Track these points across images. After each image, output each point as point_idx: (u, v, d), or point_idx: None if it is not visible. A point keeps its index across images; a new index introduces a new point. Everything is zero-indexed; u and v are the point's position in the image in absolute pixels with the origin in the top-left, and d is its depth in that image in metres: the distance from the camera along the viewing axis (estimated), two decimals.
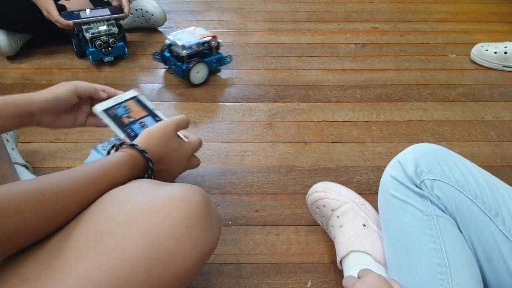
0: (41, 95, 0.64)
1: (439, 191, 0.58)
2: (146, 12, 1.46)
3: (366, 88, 1.22)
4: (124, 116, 0.72)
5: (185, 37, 1.19)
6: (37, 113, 0.64)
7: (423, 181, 0.59)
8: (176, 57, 1.21)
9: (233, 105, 1.15)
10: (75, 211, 0.47)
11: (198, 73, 1.20)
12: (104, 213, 0.46)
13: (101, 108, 0.72)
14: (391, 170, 0.63)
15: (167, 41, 1.22)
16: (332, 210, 0.72)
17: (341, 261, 0.68)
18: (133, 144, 0.59)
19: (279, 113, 1.12)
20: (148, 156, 0.59)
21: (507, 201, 0.55)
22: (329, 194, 0.73)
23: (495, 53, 1.29)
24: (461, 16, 1.66)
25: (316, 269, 0.74)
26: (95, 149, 0.79)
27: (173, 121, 0.66)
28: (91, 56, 1.26)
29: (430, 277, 0.54)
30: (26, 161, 0.90)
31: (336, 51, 1.41)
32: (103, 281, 0.41)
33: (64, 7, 1.29)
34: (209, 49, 1.22)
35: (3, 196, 0.41)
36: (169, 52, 1.24)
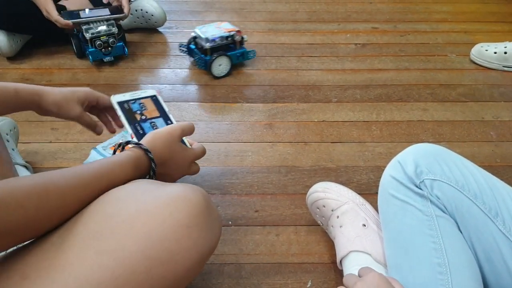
0: (55, 89, 0.70)
1: (439, 191, 0.58)
2: (146, 12, 1.46)
3: (366, 88, 1.22)
4: (137, 112, 0.73)
5: (210, 30, 1.23)
6: (46, 105, 0.70)
7: (423, 181, 0.59)
8: (200, 49, 1.25)
9: (233, 105, 1.15)
10: (76, 208, 0.47)
11: (220, 65, 1.23)
12: (104, 213, 0.47)
13: (117, 99, 0.73)
14: (391, 170, 0.63)
15: (193, 33, 1.26)
16: (332, 210, 0.72)
17: (341, 261, 0.68)
18: (139, 143, 0.60)
19: (279, 113, 1.12)
20: (151, 156, 0.59)
21: (507, 201, 0.55)
22: (329, 194, 0.73)
23: (495, 53, 1.29)
24: (461, 16, 1.66)
25: (316, 269, 0.74)
26: (95, 149, 0.79)
27: (179, 127, 0.67)
28: (91, 56, 1.26)
29: (430, 277, 0.54)
30: (26, 162, 0.90)
31: (336, 51, 1.41)
32: (103, 280, 0.41)
33: (63, 7, 1.29)
34: (233, 43, 1.25)
35: (4, 189, 0.41)
36: (195, 44, 1.27)
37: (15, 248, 0.46)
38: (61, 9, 1.25)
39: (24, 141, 0.99)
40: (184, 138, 0.69)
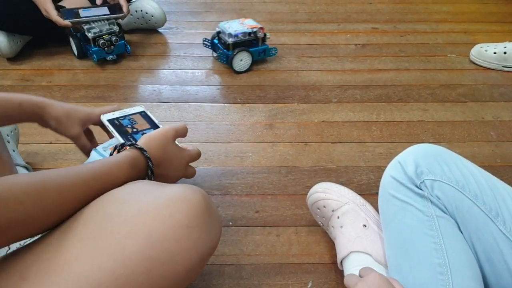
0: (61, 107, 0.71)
1: (439, 191, 0.58)
2: (146, 13, 1.46)
3: (366, 88, 1.22)
4: (128, 126, 0.76)
5: (234, 26, 1.26)
6: (47, 118, 0.71)
7: (423, 181, 0.59)
8: (223, 44, 1.27)
9: (233, 105, 1.15)
10: (74, 206, 0.48)
11: (241, 61, 1.26)
12: (104, 213, 0.47)
13: (107, 117, 0.75)
14: (391, 170, 0.63)
15: (217, 28, 1.29)
16: (332, 210, 0.72)
17: (341, 262, 0.68)
18: (134, 144, 0.61)
19: (279, 113, 1.12)
20: (147, 155, 0.60)
21: (508, 201, 0.55)
22: (329, 194, 0.73)
23: (495, 53, 1.29)
24: (461, 16, 1.66)
25: (316, 270, 0.74)
26: (95, 150, 0.79)
27: (172, 128, 0.68)
28: (95, 55, 1.26)
29: (430, 278, 0.54)
30: (26, 163, 0.91)
31: (336, 51, 1.41)
32: (103, 281, 0.41)
33: (63, 8, 1.29)
34: (255, 39, 1.28)
35: (3, 186, 0.41)
36: (218, 39, 1.30)
37: (15, 248, 0.46)
38: (61, 9, 1.25)
39: (24, 142, 0.99)
40: (177, 141, 0.70)
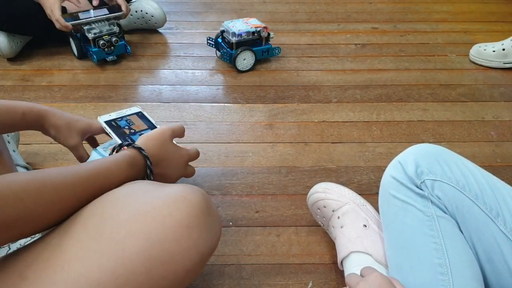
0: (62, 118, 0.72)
1: (440, 191, 0.58)
2: (146, 13, 1.46)
3: (366, 88, 1.22)
4: (125, 127, 0.76)
5: (238, 25, 1.26)
6: (47, 127, 0.72)
7: (423, 181, 0.59)
8: (227, 43, 1.27)
9: (233, 105, 1.15)
10: (74, 205, 0.48)
11: (244, 60, 1.26)
12: (104, 213, 0.47)
13: (104, 119, 0.76)
14: (391, 170, 0.63)
15: (221, 28, 1.29)
16: (332, 210, 0.72)
17: (342, 262, 0.68)
18: (131, 143, 0.61)
19: (279, 113, 1.12)
20: (145, 153, 0.60)
21: (508, 201, 0.55)
22: (329, 194, 0.73)
23: (494, 51, 1.29)
24: (461, 16, 1.66)
25: (317, 270, 0.74)
26: (95, 150, 0.79)
27: (169, 128, 0.68)
28: (95, 55, 1.26)
29: (431, 278, 0.54)
30: (27, 163, 0.91)
31: (336, 51, 1.41)
32: (103, 281, 0.41)
33: (64, 9, 1.29)
34: (259, 38, 1.28)
35: (3, 183, 0.41)
36: (222, 38, 1.30)
37: (15, 249, 0.46)
38: (62, 11, 1.25)
39: (24, 142, 0.99)
40: (174, 141, 0.71)
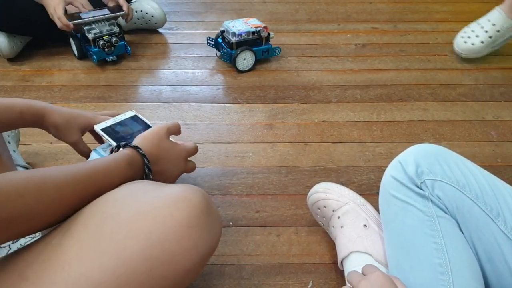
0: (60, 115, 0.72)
1: (440, 191, 0.58)
2: (146, 13, 1.46)
3: (366, 88, 1.22)
4: (122, 131, 0.76)
5: (238, 25, 1.26)
6: (47, 125, 0.72)
7: (423, 181, 0.59)
8: (227, 43, 1.28)
9: (233, 106, 1.15)
10: (74, 203, 0.48)
11: (244, 60, 1.26)
12: (104, 213, 0.47)
13: (100, 127, 0.76)
14: (391, 170, 0.63)
15: (221, 28, 1.29)
16: (333, 210, 0.72)
17: (342, 262, 0.68)
18: (127, 143, 0.62)
19: (279, 113, 1.12)
20: (142, 152, 0.61)
21: (508, 201, 0.55)
22: (329, 194, 0.73)
23: (482, 42, 1.28)
24: (461, 15, 1.66)
25: (317, 270, 0.74)
26: (95, 150, 0.79)
27: (164, 125, 0.69)
28: (95, 56, 1.26)
29: (431, 277, 0.54)
30: (27, 163, 0.91)
31: (336, 51, 1.41)
32: (104, 281, 0.41)
33: (64, 11, 1.29)
34: (259, 38, 1.28)
35: (4, 180, 0.41)
36: (222, 38, 1.30)
37: (15, 249, 0.46)
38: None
39: (25, 143, 0.99)
40: (171, 138, 0.71)
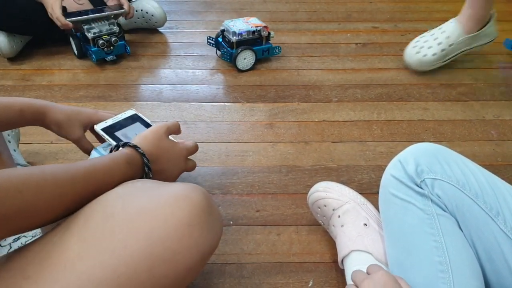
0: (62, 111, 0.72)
1: (440, 190, 0.58)
2: (146, 13, 1.46)
3: (366, 87, 1.22)
4: (122, 131, 0.76)
5: (238, 25, 1.26)
6: (48, 122, 0.72)
7: (423, 180, 0.59)
8: (227, 42, 1.28)
9: (234, 105, 1.15)
10: (74, 200, 0.48)
11: (245, 59, 1.26)
12: (105, 212, 0.47)
13: (101, 126, 0.76)
14: (391, 169, 0.63)
15: (222, 27, 1.30)
16: (333, 209, 0.72)
17: (342, 261, 0.68)
18: (126, 142, 0.62)
19: (279, 113, 1.12)
20: (141, 151, 0.61)
21: (508, 200, 0.55)
22: (330, 193, 0.73)
23: (434, 54, 1.22)
24: None
25: (317, 269, 0.74)
26: (95, 149, 0.79)
27: (164, 124, 0.69)
28: (94, 55, 1.26)
29: (431, 275, 0.54)
30: (27, 162, 0.91)
31: (336, 50, 1.41)
32: (105, 279, 0.41)
33: (64, 8, 1.29)
34: (259, 38, 1.28)
35: (3, 176, 0.42)
36: (222, 38, 1.31)
37: (16, 247, 0.46)
38: (63, 11, 1.25)
39: (25, 142, 0.99)
40: (170, 137, 0.71)
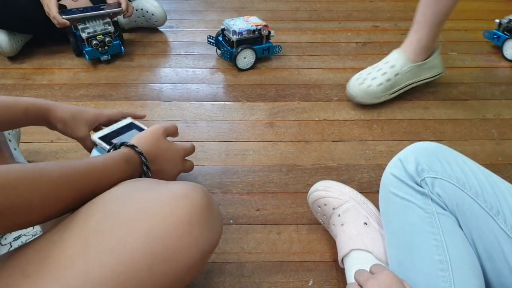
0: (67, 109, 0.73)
1: (440, 189, 0.58)
2: (146, 12, 1.46)
3: None
4: (119, 139, 0.77)
5: (238, 24, 1.26)
6: (53, 121, 0.72)
7: (424, 179, 0.59)
8: (227, 41, 1.28)
9: (234, 104, 1.15)
10: (72, 196, 0.48)
11: (245, 58, 1.26)
12: (105, 211, 0.47)
13: (98, 135, 0.77)
14: (392, 168, 0.63)
15: (222, 26, 1.30)
16: (333, 208, 0.72)
17: (342, 260, 0.68)
18: (124, 142, 0.62)
19: (280, 112, 1.12)
20: (139, 150, 0.61)
21: (509, 199, 0.55)
22: (330, 192, 0.73)
23: (380, 84, 1.10)
24: (461, 14, 1.66)
25: (317, 268, 0.74)
26: (96, 148, 0.79)
27: (161, 126, 0.70)
28: (87, 55, 1.27)
29: (431, 274, 0.54)
30: (28, 161, 0.91)
31: (337, 49, 1.41)
32: (105, 277, 0.41)
33: (64, 7, 1.29)
34: (259, 37, 1.28)
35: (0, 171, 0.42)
36: (222, 37, 1.31)
37: (17, 246, 0.46)
38: (61, 9, 1.25)
39: (25, 141, 0.99)
40: (168, 138, 0.72)
